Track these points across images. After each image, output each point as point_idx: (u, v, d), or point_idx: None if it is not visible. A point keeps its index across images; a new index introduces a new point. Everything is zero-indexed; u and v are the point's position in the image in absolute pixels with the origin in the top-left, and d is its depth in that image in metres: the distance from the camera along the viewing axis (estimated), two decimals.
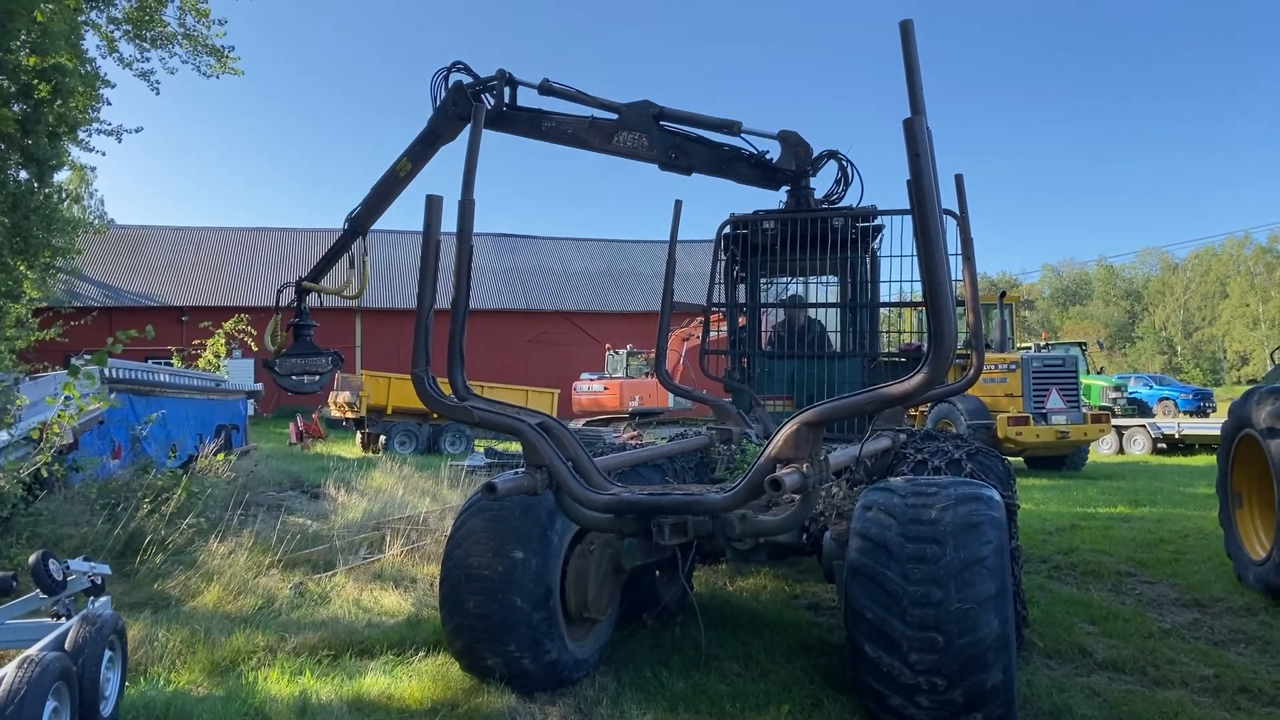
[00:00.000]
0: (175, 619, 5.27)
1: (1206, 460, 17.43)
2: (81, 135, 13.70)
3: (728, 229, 7.12)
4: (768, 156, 6.97)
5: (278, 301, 8.59)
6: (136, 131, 14.21)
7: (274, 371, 8.21)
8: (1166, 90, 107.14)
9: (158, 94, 14.77)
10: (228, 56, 14.75)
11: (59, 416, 6.80)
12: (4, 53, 10.77)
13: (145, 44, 14.02)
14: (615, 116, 7.10)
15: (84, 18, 12.93)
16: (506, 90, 7.37)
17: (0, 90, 11.49)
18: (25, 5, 9.70)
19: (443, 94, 7.38)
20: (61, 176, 16.85)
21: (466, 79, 7.41)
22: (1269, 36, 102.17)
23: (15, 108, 11.56)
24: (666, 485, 5.18)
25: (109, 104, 13.80)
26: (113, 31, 13.93)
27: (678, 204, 6.81)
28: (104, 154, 51.00)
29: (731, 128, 7.07)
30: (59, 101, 11.66)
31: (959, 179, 6.17)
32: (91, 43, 13.76)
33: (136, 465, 8.22)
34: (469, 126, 5.47)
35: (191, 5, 14.02)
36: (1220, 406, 31.41)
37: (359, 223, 7.97)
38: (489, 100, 7.41)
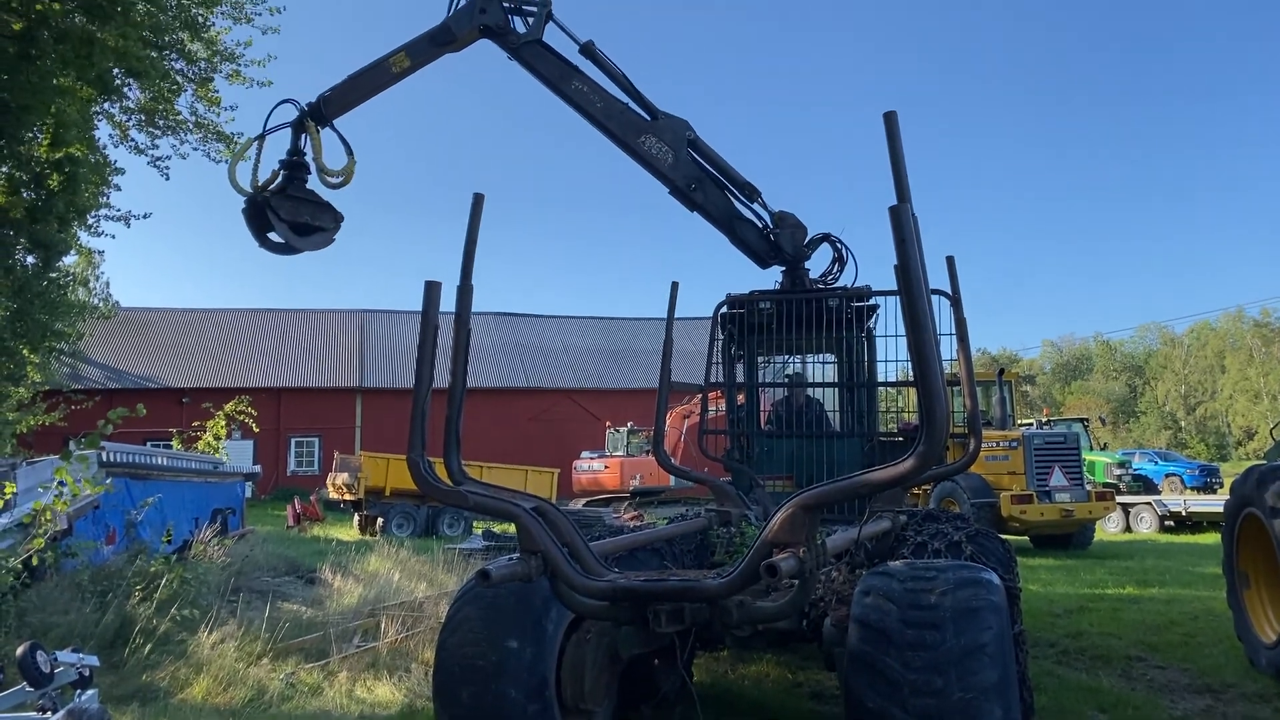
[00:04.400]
0: (163, 713, 5.15)
1: (1215, 538, 17.16)
2: (90, 220, 14.00)
3: (725, 309, 7.20)
4: (773, 234, 7.10)
5: (265, 124, 6.26)
6: (145, 217, 14.53)
7: (271, 211, 6.15)
8: (1157, 173, 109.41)
9: (168, 179, 15.06)
10: (236, 143, 15.14)
11: (53, 502, 6.76)
12: (18, 144, 11.07)
13: (157, 131, 14.43)
14: (648, 118, 6.83)
15: (97, 109, 13.34)
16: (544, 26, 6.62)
17: (12, 180, 11.78)
18: (41, 100, 10.00)
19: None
20: (68, 260, 17.09)
21: None
22: (1254, 127, 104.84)
23: (26, 195, 11.84)
24: (664, 570, 5.12)
25: (118, 189, 14.09)
26: (125, 120, 14.36)
27: (674, 285, 6.90)
28: (114, 237, 51.72)
29: (751, 192, 7.18)
30: (70, 190, 11.94)
31: (950, 261, 6.26)
32: (104, 131, 14.17)
33: (130, 551, 8.12)
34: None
35: (203, 94, 14.47)
36: (1227, 482, 31.10)
37: (329, 105, 6.25)
38: (519, 25, 6.61)
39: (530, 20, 6.65)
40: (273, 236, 6.29)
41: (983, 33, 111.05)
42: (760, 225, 7.19)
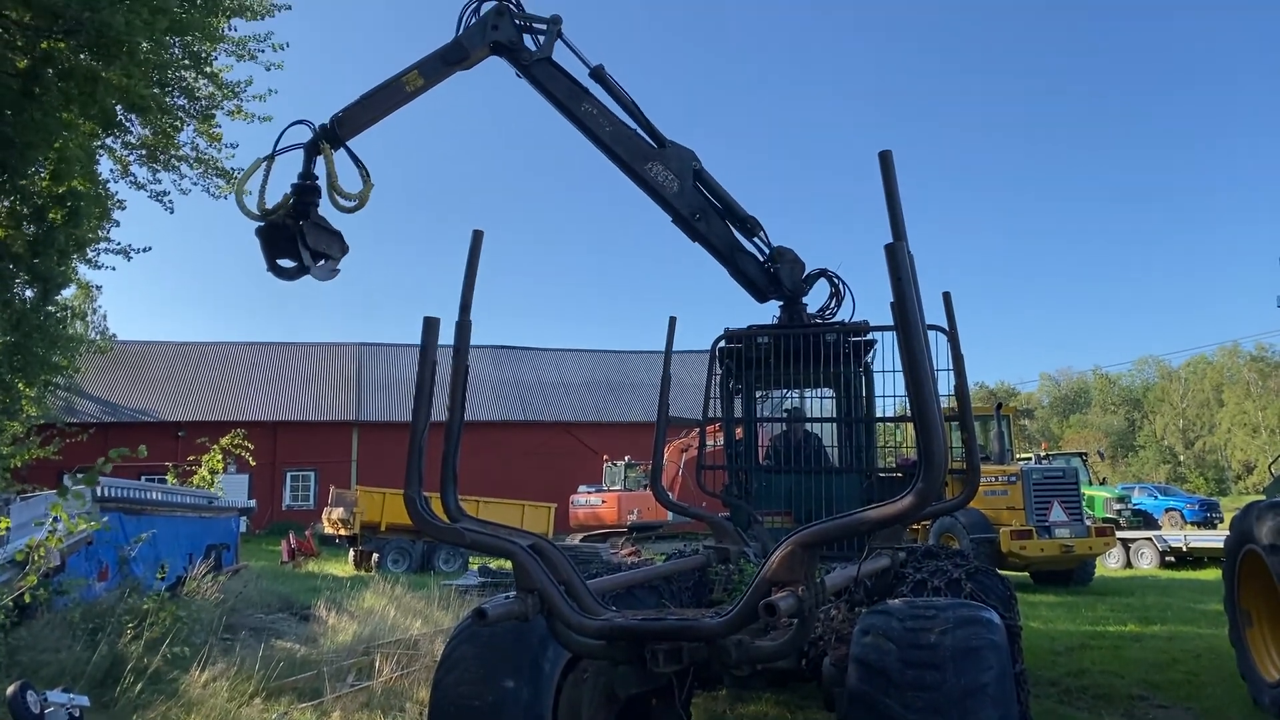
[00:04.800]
0: None
1: (1216, 574, 17.05)
2: (90, 254, 14.04)
3: (723, 343, 7.22)
4: (773, 268, 7.13)
5: (276, 145, 6.01)
6: (145, 251, 14.56)
7: (300, 237, 5.93)
8: (1156, 207, 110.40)
9: (171, 213, 15.11)
10: (236, 177, 15.21)
11: (46, 539, 6.70)
12: (20, 179, 11.14)
13: (158, 167, 14.51)
14: (656, 146, 6.81)
15: (99, 143, 13.44)
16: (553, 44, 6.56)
17: (14, 213, 11.84)
18: (44, 136, 10.07)
19: (473, 17, 6.43)
20: (66, 294, 17.10)
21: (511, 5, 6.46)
22: (1246, 166, 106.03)
23: (27, 228, 11.88)
24: (663, 608, 5.07)
25: (118, 224, 14.13)
26: (127, 156, 14.45)
27: (672, 320, 6.90)
28: (113, 269, 51.70)
29: (752, 226, 7.21)
30: (71, 224, 11.98)
31: (947, 296, 6.28)
32: (105, 166, 14.24)
33: (122, 587, 8.04)
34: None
35: (205, 130, 14.56)
36: (1228, 517, 31.00)
37: (342, 126, 6.02)
38: (531, 43, 6.55)
39: (541, 39, 6.58)
40: (282, 262, 6.07)
41: (981, 71, 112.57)
42: (761, 259, 7.23)
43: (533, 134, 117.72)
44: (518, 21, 6.51)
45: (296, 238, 5.95)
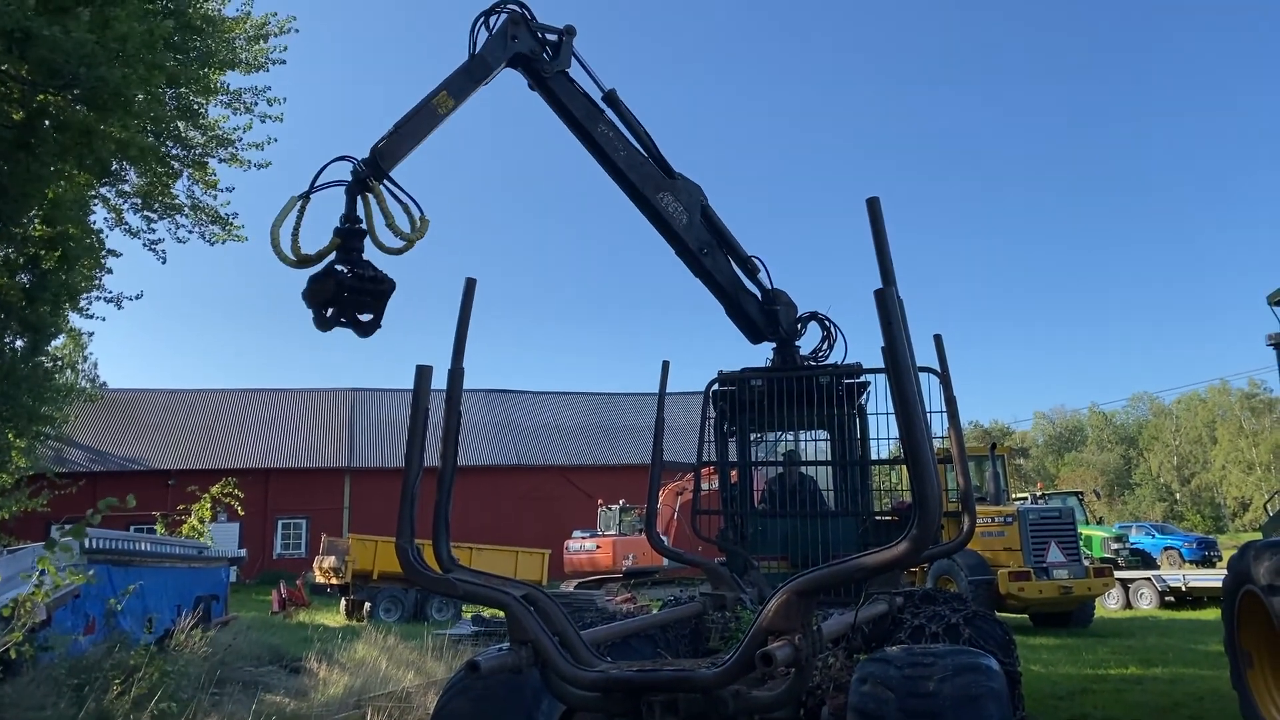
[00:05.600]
0: None
1: (1216, 614, 16.94)
2: (82, 302, 14.02)
3: (716, 385, 7.22)
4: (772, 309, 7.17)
5: (314, 181, 5.35)
6: (137, 298, 14.53)
7: (374, 295, 5.37)
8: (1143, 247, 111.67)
9: (164, 263, 15.08)
10: (232, 225, 15.24)
11: (33, 593, 6.60)
12: (15, 227, 11.18)
13: (153, 215, 14.54)
14: (666, 176, 6.74)
15: (93, 192, 13.50)
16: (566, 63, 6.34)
17: (8, 262, 11.86)
18: (38, 186, 10.14)
19: (483, 31, 6.15)
20: (56, 343, 17.04)
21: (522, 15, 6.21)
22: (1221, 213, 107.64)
23: (20, 277, 11.89)
24: (659, 658, 5.01)
25: (111, 273, 14.12)
26: (120, 204, 14.50)
27: (665, 365, 6.90)
28: (104, 319, 51.74)
29: (752, 267, 7.24)
30: (64, 271, 11.99)
31: (938, 339, 6.32)
32: (100, 214, 14.29)
33: (109, 641, 7.91)
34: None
35: (200, 177, 14.64)
36: (1226, 554, 30.90)
37: (384, 158, 5.48)
38: (548, 56, 6.33)
39: (559, 51, 6.32)
40: (331, 314, 5.36)
41: (971, 113, 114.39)
42: (759, 300, 7.27)
43: (525, 174, 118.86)
44: (534, 31, 6.26)
45: (342, 290, 5.28)
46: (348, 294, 5.31)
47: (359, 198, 5.39)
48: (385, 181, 5.47)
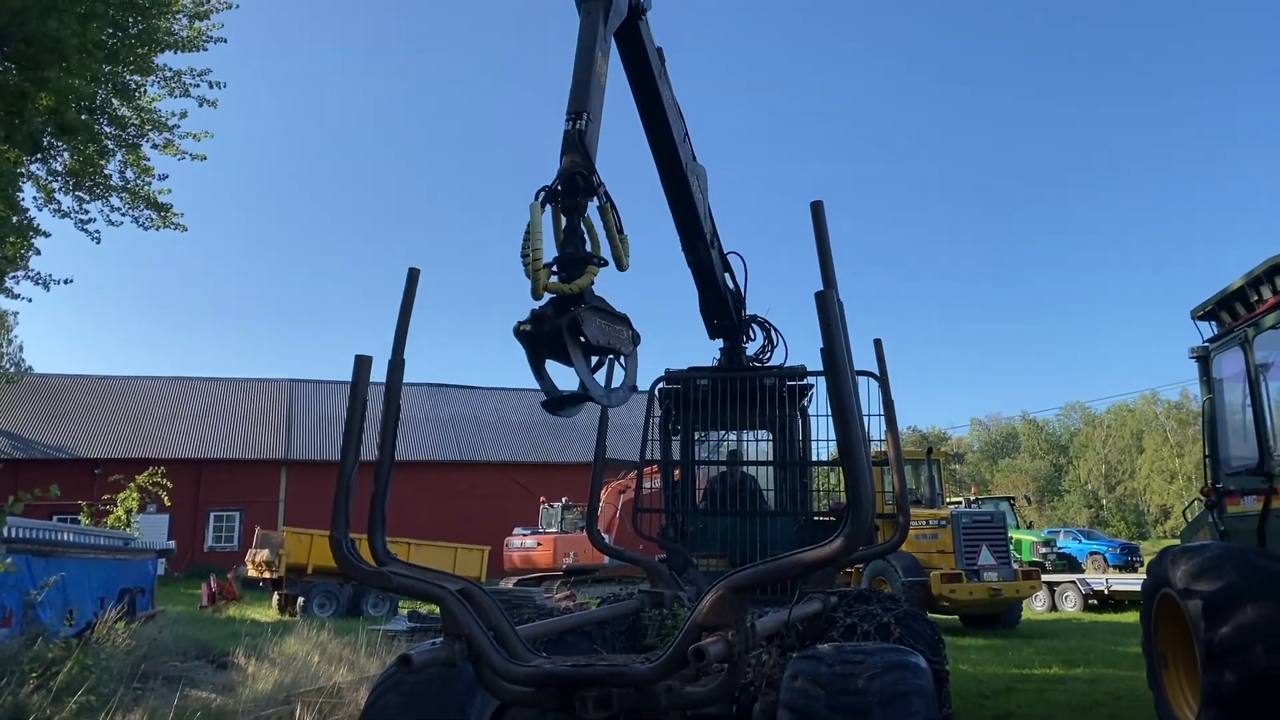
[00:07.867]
0: None
1: (1137, 616, 17.56)
2: (8, 283, 13.47)
3: (662, 384, 7.25)
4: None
5: (553, 193, 4.09)
6: (66, 283, 14.01)
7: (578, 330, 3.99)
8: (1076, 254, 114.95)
9: (98, 244, 14.58)
10: (170, 213, 14.77)
11: None
12: None
13: (84, 195, 14.03)
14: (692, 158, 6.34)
15: (23, 169, 12.98)
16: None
17: None
18: None
19: None
20: None
21: None
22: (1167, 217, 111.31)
23: None
24: (595, 654, 5.01)
25: (39, 253, 13.59)
26: (51, 183, 13.96)
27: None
28: (30, 300, 49.71)
29: (727, 263, 7.28)
30: None
31: (878, 343, 6.42)
32: (29, 193, 13.75)
33: (27, 634, 7.63)
34: None
35: (133, 160, 14.17)
36: (1147, 560, 31.99)
37: (589, 151, 4.17)
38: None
39: None
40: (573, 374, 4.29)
41: (910, 112, 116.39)
42: (736, 291, 7.31)
43: (466, 165, 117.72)
44: None
45: (577, 335, 4.08)
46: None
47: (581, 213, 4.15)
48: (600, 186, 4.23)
